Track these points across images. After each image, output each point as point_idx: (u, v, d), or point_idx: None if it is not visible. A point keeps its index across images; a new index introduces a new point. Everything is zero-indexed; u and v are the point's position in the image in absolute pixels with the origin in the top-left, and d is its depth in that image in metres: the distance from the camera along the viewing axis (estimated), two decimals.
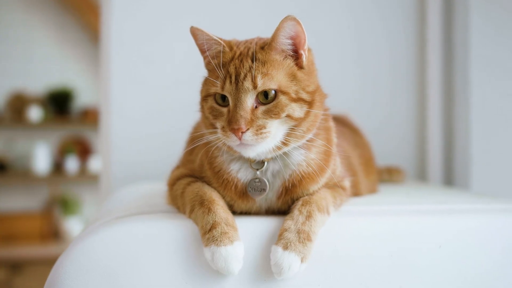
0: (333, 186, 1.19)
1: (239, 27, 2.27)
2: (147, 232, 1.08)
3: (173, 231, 1.08)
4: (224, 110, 1.07)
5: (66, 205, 5.07)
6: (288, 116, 1.06)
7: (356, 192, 1.40)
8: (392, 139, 2.30)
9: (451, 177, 2.20)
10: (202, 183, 1.16)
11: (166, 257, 1.06)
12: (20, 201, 5.12)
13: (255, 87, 1.04)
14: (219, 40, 1.11)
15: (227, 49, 1.11)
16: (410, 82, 2.33)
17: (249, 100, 1.04)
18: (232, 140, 1.05)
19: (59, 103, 5.18)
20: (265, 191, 1.11)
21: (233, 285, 1.05)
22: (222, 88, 1.07)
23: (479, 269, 1.13)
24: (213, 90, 1.09)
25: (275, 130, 1.06)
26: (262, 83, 1.04)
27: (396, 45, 2.34)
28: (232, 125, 1.03)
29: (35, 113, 5.04)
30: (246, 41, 1.13)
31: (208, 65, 1.15)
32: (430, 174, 2.22)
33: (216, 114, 1.09)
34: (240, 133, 1.03)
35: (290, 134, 1.07)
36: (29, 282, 4.37)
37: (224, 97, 1.08)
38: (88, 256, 1.05)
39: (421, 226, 1.15)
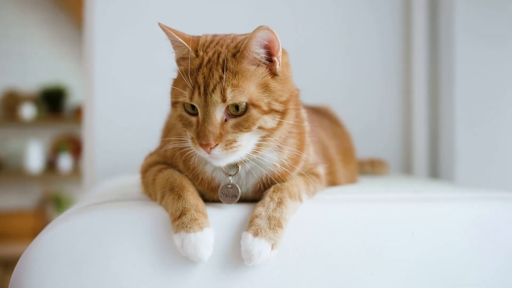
0: (307, 173, 1.18)
1: (228, 21, 2.30)
2: (116, 219, 1.07)
3: (143, 218, 1.07)
4: (193, 119, 1.04)
5: (59, 203, 5.07)
6: (260, 127, 1.03)
7: (333, 180, 1.39)
8: (378, 133, 2.30)
9: (436, 170, 2.21)
10: (173, 170, 1.15)
11: (135, 244, 1.05)
12: (13, 200, 5.12)
13: (224, 100, 1.00)
14: (185, 44, 1.05)
15: (193, 54, 1.05)
16: (395, 77, 2.33)
17: (218, 114, 1.01)
18: (201, 153, 1.03)
19: (52, 101, 5.18)
20: (236, 197, 1.10)
21: (203, 272, 1.04)
22: (191, 98, 1.02)
23: (452, 257, 1.12)
24: (181, 99, 1.04)
25: (246, 141, 1.03)
26: (232, 96, 1.00)
27: (383, 42, 2.34)
28: (200, 140, 1.00)
29: (28, 111, 5.03)
30: (217, 42, 1.07)
31: (177, 65, 1.10)
32: (416, 167, 2.22)
33: (186, 123, 1.05)
34: (209, 148, 1.00)
35: (262, 143, 1.05)
36: None
37: (193, 105, 1.04)
38: (56, 244, 1.05)
39: (393, 213, 1.14)
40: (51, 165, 5.19)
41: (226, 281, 1.05)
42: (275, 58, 1.04)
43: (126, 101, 2.24)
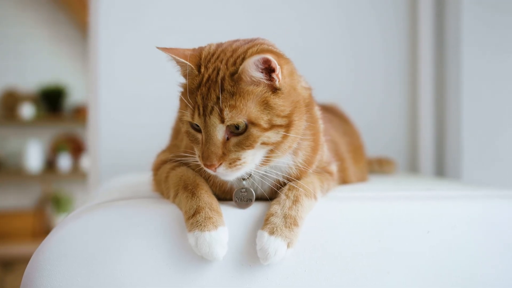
0: (320, 171, 1.17)
1: (231, 21, 2.29)
2: (129, 217, 1.06)
3: (156, 216, 1.06)
4: (199, 136, 1.03)
5: (58, 202, 5.05)
6: (263, 143, 1.01)
7: (344, 178, 1.38)
8: (384, 132, 2.30)
9: (443, 169, 2.20)
10: (186, 167, 1.14)
11: (149, 242, 1.04)
12: (12, 199, 5.10)
13: (222, 121, 0.98)
14: (187, 62, 1.03)
15: (195, 71, 1.03)
16: (402, 75, 2.33)
17: (219, 133, 0.99)
18: (208, 171, 1.03)
19: (51, 100, 5.17)
20: (251, 201, 1.08)
21: (218, 270, 1.03)
22: (192, 118, 1.02)
23: (467, 255, 1.11)
24: (185, 118, 1.04)
25: (251, 157, 1.02)
26: (229, 117, 0.98)
27: (389, 39, 2.34)
28: (204, 161, 1.00)
29: (27, 111, 5.02)
30: (218, 56, 1.04)
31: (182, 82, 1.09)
32: (422, 166, 2.22)
33: (192, 139, 1.05)
34: (213, 168, 1.00)
35: (270, 155, 1.04)
36: (21, 280, 4.34)
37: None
38: (68, 242, 1.03)
39: (409, 211, 1.13)
40: (50, 165, 5.17)
41: (241, 280, 1.04)
42: (273, 76, 1.01)
43: (131, 99, 2.23)
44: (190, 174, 1.10)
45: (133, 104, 2.24)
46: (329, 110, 1.63)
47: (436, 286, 1.10)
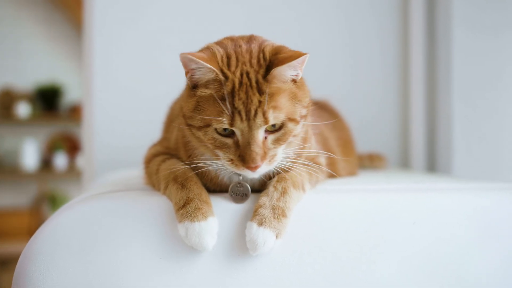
0: (309, 163, 1.19)
1: (229, 20, 2.30)
2: (121, 208, 1.08)
3: (147, 207, 1.08)
4: (229, 141, 1.03)
5: (54, 201, 5.06)
6: (293, 136, 1.06)
7: (333, 171, 1.40)
8: (376, 128, 2.32)
9: (434, 164, 2.22)
10: (176, 160, 1.15)
11: (140, 233, 1.06)
12: (8, 198, 5.11)
13: (266, 122, 1.01)
14: (213, 68, 1.02)
15: (221, 76, 1.02)
16: (393, 71, 2.35)
17: (261, 135, 1.02)
18: (244, 172, 1.04)
19: (47, 99, 5.18)
20: (247, 196, 1.10)
21: (207, 260, 1.05)
22: (231, 124, 1.01)
23: (453, 246, 1.13)
24: (217, 125, 1.02)
25: (282, 150, 1.06)
26: (273, 118, 1.01)
27: (380, 37, 2.36)
28: (248, 164, 1.01)
29: (23, 110, 5.02)
30: (237, 59, 1.04)
31: (196, 87, 1.06)
32: (413, 161, 2.24)
33: (220, 145, 1.04)
34: (257, 168, 1.02)
35: (288, 146, 1.08)
36: None
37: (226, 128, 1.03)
38: (61, 232, 1.05)
39: (395, 203, 1.15)
40: (46, 164, 5.18)
41: (230, 270, 1.06)
42: (299, 71, 1.05)
43: (125, 97, 2.25)
44: (179, 166, 1.12)
45: (127, 102, 2.26)
46: (320, 105, 1.65)
47: (423, 277, 1.11)
